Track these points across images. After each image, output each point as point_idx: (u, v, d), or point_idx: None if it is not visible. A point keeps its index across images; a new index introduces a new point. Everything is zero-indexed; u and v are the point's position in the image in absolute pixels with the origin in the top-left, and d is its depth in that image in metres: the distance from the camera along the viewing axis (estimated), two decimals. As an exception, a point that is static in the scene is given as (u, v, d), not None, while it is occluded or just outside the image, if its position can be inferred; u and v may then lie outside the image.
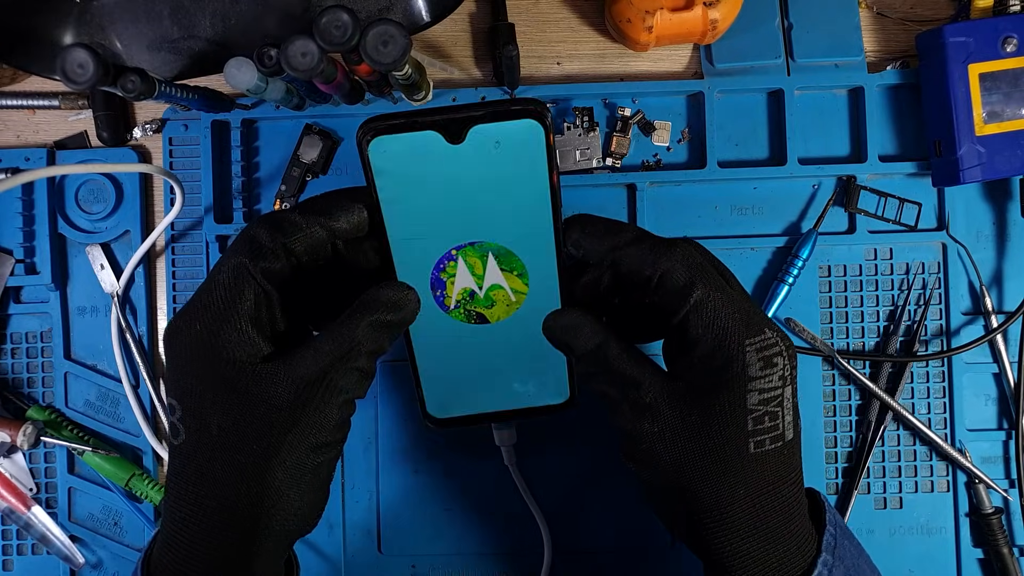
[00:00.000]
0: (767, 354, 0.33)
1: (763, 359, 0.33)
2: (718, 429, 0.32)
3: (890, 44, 0.51)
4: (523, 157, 0.33)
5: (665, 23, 0.46)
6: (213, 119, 0.49)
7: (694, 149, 0.50)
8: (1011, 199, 0.50)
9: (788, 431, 0.33)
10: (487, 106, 0.33)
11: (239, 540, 0.32)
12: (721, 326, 0.33)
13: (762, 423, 0.32)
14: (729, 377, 0.32)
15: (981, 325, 0.49)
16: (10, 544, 0.51)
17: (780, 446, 0.33)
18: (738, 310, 0.33)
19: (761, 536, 0.33)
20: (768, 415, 0.33)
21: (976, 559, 0.49)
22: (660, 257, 0.34)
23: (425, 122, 0.32)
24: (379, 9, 0.44)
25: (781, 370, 0.33)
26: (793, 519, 0.33)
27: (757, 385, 0.32)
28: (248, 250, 0.33)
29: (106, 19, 0.45)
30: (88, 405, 0.51)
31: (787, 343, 0.34)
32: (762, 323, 0.33)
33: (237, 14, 0.44)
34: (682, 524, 0.34)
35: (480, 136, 0.32)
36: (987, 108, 0.46)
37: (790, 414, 0.33)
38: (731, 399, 0.32)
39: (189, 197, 0.49)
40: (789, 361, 0.33)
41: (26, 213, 0.50)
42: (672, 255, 0.34)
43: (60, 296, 0.50)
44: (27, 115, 0.51)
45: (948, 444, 0.49)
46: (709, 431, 0.32)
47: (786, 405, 0.33)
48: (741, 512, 0.32)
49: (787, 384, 0.33)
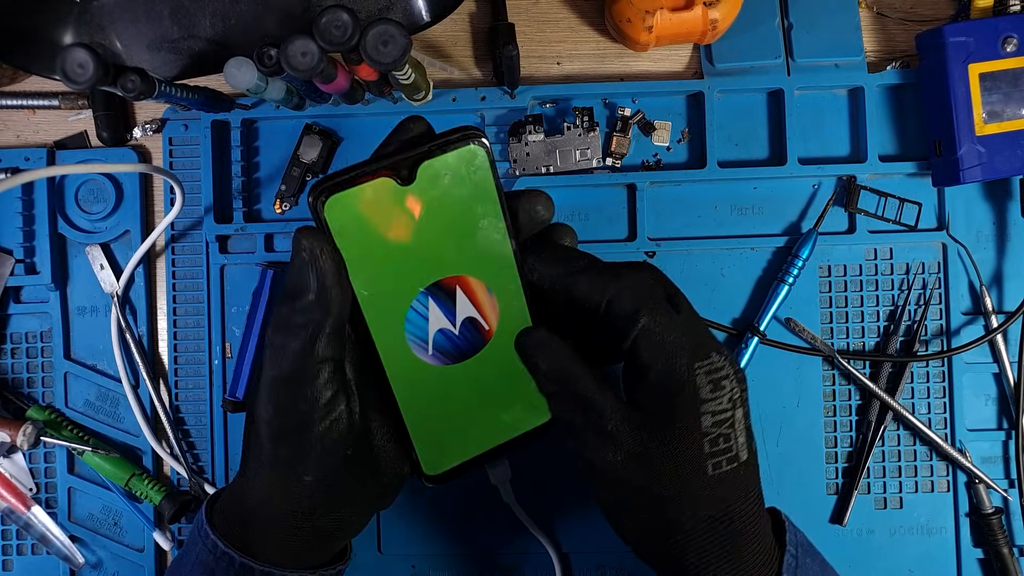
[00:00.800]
0: (716, 377, 0.34)
1: (712, 382, 0.33)
2: (677, 454, 0.33)
3: (890, 44, 0.51)
4: (472, 183, 0.34)
5: (665, 23, 0.46)
6: (213, 119, 0.49)
7: (694, 149, 0.50)
8: (1011, 199, 0.50)
9: (742, 452, 0.34)
10: (427, 141, 0.33)
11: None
12: (669, 351, 0.33)
13: (717, 445, 0.33)
14: (682, 401, 0.33)
15: (981, 325, 0.49)
16: (10, 544, 0.51)
17: (736, 467, 0.34)
18: (685, 334, 0.34)
19: (724, 556, 0.33)
20: (722, 436, 0.33)
21: (976, 559, 0.49)
22: (608, 284, 0.34)
23: (375, 170, 0.32)
24: (379, 9, 0.44)
25: (730, 392, 0.34)
26: (755, 539, 0.34)
27: (709, 408, 0.33)
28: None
29: (106, 19, 0.45)
30: (88, 405, 0.51)
31: (735, 366, 0.35)
32: (710, 347, 0.34)
33: (237, 14, 0.44)
34: (640, 545, 0.35)
35: (429, 171, 0.33)
36: (987, 108, 0.46)
37: (743, 435, 0.34)
38: (686, 424, 0.33)
39: (189, 197, 0.49)
40: (738, 384, 0.34)
41: (26, 213, 0.50)
42: (619, 282, 0.34)
43: (60, 296, 0.50)
44: (27, 115, 0.51)
45: (948, 444, 0.49)
46: (669, 456, 0.33)
47: (738, 427, 0.34)
48: (703, 534, 0.33)
49: (737, 406, 0.34)
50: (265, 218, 0.51)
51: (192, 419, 0.50)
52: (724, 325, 0.50)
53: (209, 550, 0.35)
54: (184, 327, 0.50)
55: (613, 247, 0.50)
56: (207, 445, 0.50)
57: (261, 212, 0.51)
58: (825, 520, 0.49)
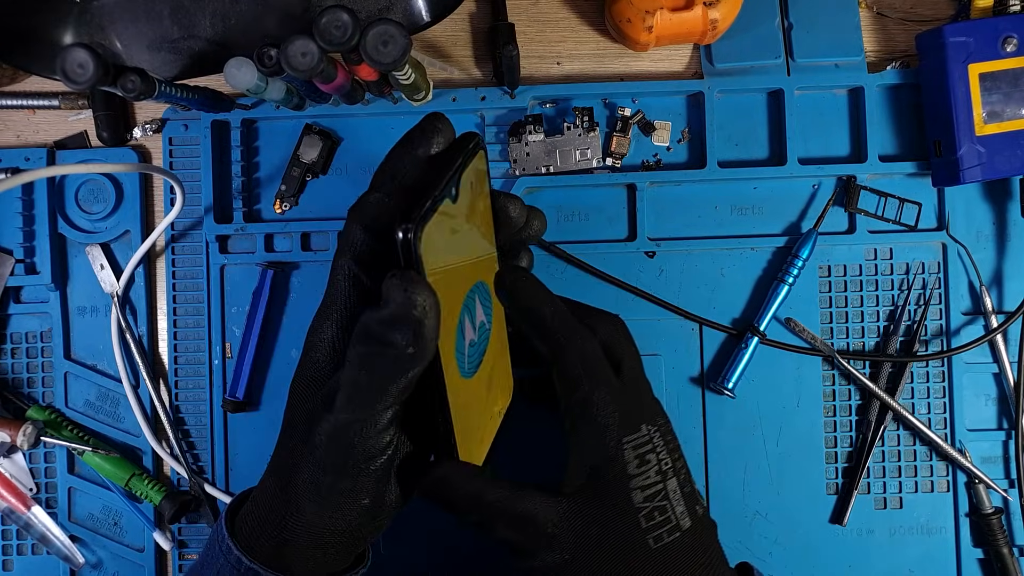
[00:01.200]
0: (641, 452, 0.34)
1: (638, 456, 0.34)
2: (616, 536, 0.33)
3: (890, 44, 0.51)
4: (480, 188, 0.34)
5: (665, 23, 0.46)
6: (213, 119, 0.49)
7: (694, 149, 0.50)
8: (1011, 199, 0.50)
9: (683, 520, 0.34)
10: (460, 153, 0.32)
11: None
12: (601, 424, 0.34)
13: (653, 519, 0.33)
14: (611, 479, 0.33)
15: (981, 325, 0.49)
16: (10, 544, 0.51)
17: (680, 536, 0.34)
18: (619, 407, 0.34)
19: None
20: (656, 509, 0.33)
21: (976, 559, 0.49)
22: (560, 343, 0.34)
23: (441, 193, 0.30)
24: (379, 9, 0.44)
25: (657, 465, 0.34)
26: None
27: (637, 483, 0.33)
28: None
29: (106, 19, 0.45)
30: (88, 405, 0.51)
31: (665, 434, 0.35)
32: (640, 418, 0.34)
33: (237, 14, 0.44)
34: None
35: (464, 183, 0.32)
36: (987, 108, 0.46)
37: (680, 504, 0.34)
38: (619, 502, 0.33)
39: (189, 197, 0.49)
40: (668, 454, 0.34)
41: (26, 213, 0.50)
42: (570, 344, 0.34)
43: (60, 296, 0.50)
44: (27, 115, 0.51)
45: (948, 444, 0.49)
46: (610, 540, 0.33)
47: (673, 497, 0.34)
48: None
49: (667, 477, 0.34)
50: (265, 218, 0.51)
51: (192, 419, 0.50)
52: (724, 325, 0.50)
53: (233, 565, 0.34)
54: (184, 327, 0.50)
55: (613, 247, 0.50)
56: (207, 445, 0.50)
57: (261, 212, 0.51)
58: (825, 520, 0.49)
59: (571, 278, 0.50)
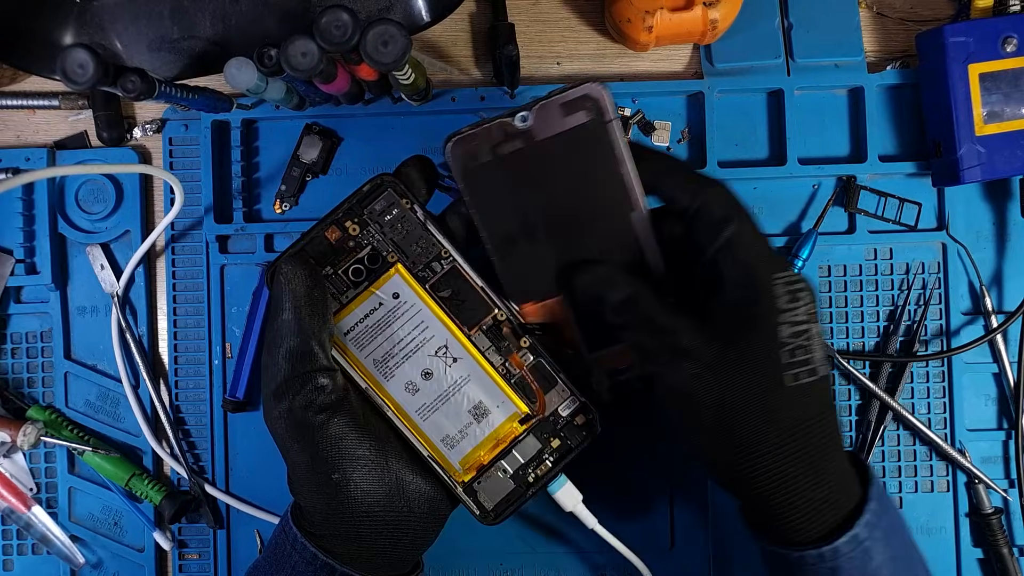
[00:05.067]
0: (793, 288, 0.34)
1: (790, 292, 0.33)
2: (755, 363, 0.33)
3: (890, 44, 0.51)
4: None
5: (665, 23, 0.46)
6: (213, 119, 0.49)
7: (694, 149, 0.50)
8: (1011, 199, 0.50)
9: (820, 366, 0.34)
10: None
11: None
12: (751, 261, 0.34)
13: (795, 356, 0.33)
14: (761, 311, 0.33)
15: (981, 325, 0.49)
16: (10, 544, 0.51)
17: (815, 380, 0.34)
18: (766, 246, 0.34)
19: (805, 469, 0.33)
20: (800, 348, 0.33)
21: (976, 559, 0.49)
22: (700, 190, 0.35)
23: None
24: (379, 9, 0.44)
25: (807, 305, 0.34)
26: (834, 457, 0.34)
27: (787, 317, 0.33)
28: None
29: (106, 19, 0.45)
30: (88, 405, 0.51)
31: (808, 283, 0.35)
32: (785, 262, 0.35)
33: (237, 14, 0.44)
34: (725, 464, 0.34)
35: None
36: (987, 108, 0.46)
37: (820, 350, 0.34)
38: (765, 332, 0.33)
39: (189, 197, 0.49)
40: (813, 300, 0.34)
41: (26, 213, 0.50)
42: (711, 190, 0.35)
43: (60, 296, 0.50)
44: (27, 115, 0.52)
45: (948, 444, 0.49)
46: (747, 365, 0.33)
47: (815, 340, 0.34)
48: (784, 445, 0.33)
49: (813, 321, 0.34)
50: (265, 218, 0.51)
51: (192, 419, 0.50)
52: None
53: (308, 561, 0.36)
54: (184, 327, 0.50)
55: (613, 247, 0.50)
56: (207, 445, 0.50)
57: (261, 212, 0.51)
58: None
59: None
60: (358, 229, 0.39)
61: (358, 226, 0.39)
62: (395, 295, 0.39)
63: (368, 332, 0.39)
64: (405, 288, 0.39)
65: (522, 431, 0.39)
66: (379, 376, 0.39)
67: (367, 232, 0.39)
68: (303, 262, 0.38)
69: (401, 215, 0.39)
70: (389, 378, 0.39)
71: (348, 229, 0.39)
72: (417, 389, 0.39)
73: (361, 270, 0.39)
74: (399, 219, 0.39)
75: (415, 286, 0.39)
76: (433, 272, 0.40)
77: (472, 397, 0.39)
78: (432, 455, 0.39)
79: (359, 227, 0.39)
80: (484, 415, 0.39)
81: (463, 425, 0.39)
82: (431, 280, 0.40)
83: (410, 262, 0.39)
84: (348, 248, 0.39)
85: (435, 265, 0.40)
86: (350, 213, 0.39)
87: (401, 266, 0.39)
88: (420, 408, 0.39)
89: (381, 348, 0.39)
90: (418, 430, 0.39)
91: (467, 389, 0.39)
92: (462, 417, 0.39)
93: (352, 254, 0.39)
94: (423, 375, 0.39)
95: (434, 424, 0.39)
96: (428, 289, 0.39)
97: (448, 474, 0.39)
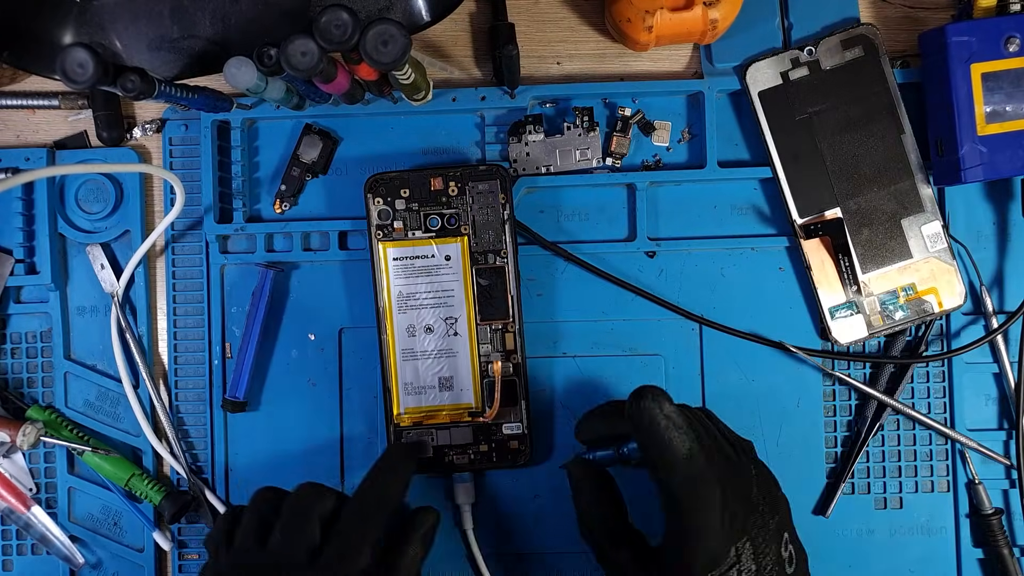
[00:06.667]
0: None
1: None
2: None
3: (891, 44, 0.50)
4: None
5: (665, 23, 0.45)
6: (213, 119, 0.49)
7: (694, 149, 0.50)
8: (1012, 199, 0.49)
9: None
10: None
11: None
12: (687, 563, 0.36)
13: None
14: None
15: (981, 325, 0.49)
16: (10, 544, 0.51)
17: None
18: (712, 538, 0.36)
19: None
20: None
21: (976, 559, 0.49)
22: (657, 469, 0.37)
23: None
24: (379, 9, 0.44)
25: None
26: None
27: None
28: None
29: (106, 19, 0.45)
30: (88, 405, 0.51)
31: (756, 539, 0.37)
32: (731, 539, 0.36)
33: (237, 14, 0.44)
34: None
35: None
36: (989, 108, 0.45)
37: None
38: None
39: (189, 197, 0.49)
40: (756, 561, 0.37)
41: (26, 213, 0.50)
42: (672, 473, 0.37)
43: (60, 296, 0.50)
44: (27, 115, 0.51)
45: (948, 444, 0.49)
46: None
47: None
48: None
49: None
50: (265, 218, 0.51)
51: (192, 419, 0.50)
52: (724, 325, 0.49)
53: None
54: (184, 327, 0.50)
55: (613, 247, 0.50)
56: (207, 445, 0.50)
57: (261, 212, 0.51)
58: (825, 520, 0.49)
59: (571, 278, 0.50)
60: (456, 192, 0.46)
61: (457, 190, 0.46)
62: (447, 257, 0.46)
63: (410, 269, 0.46)
64: (458, 258, 0.46)
65: (465, 421, 0.46)
66: (396, 305, 0.46)
67: (461, 199, 0.46)
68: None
69: (493, 204, 0.46)
70: (401, 312, 0.46)
71: (449, 188, 0.46)
72: (414, 335, 0.46)
73: (437, 220, 0.46)
74: (489, 205, 0.46)
75: (466, 262, 0.46)
76: (486, 261, 0.46)
77: (448, 370, 0.46)
78: (391, 389, 0.46)
79: (458, 191, 0.46)
80: (447, 389, 0.46)
81: (427, 385, 0.46)
82: (480, 264, 0.46)
83: (475, 241, 0.46)
84: (439, 200, 0.46)
85: (491, 256, 0.46)
86: (459, 178, 0.46)
87: (467, 240, 0.46)
88: (407, 350, 0.46)
89: (410, 286, 0.46)
90: (394, 364, 0.46)
91: (448, 362, 0.46)
92: (430, 379, 0.46)
93: (439, 206, 0.46)
94: (426, 328, 0.46)
95: (409, 368, 0.46)
96: (473, 271, 0.46)
97: (392, 411, 0.46)
